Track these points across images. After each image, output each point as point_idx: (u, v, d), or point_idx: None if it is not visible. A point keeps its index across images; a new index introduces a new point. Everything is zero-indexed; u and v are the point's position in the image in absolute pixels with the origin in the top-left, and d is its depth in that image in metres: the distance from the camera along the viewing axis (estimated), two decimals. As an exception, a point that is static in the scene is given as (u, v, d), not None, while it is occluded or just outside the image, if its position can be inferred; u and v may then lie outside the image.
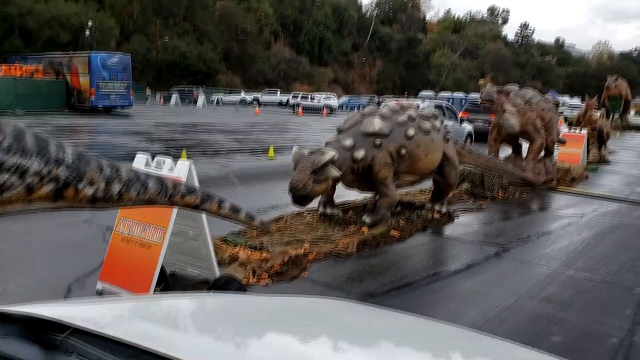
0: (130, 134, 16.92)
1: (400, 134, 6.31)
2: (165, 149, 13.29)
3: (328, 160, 5.53)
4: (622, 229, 7.21)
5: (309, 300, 2.18)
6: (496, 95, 9.62)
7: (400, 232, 6.23)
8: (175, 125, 21.43)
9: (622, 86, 31.91)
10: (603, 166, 14.29)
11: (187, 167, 4.06)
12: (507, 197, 9.06)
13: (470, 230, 6.81)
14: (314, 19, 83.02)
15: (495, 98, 9.58)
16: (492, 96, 9.57)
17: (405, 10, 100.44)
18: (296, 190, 5.50)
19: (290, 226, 6.27)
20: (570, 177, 11.42)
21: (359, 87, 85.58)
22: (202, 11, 72.16)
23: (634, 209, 8.72)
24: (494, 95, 9.60)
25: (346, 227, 6.24)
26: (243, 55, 72.85)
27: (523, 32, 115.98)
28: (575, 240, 6.47)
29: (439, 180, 7.11)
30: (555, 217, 7.90)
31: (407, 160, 6.39)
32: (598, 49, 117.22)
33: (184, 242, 4.39)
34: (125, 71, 28.00)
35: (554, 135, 11.02)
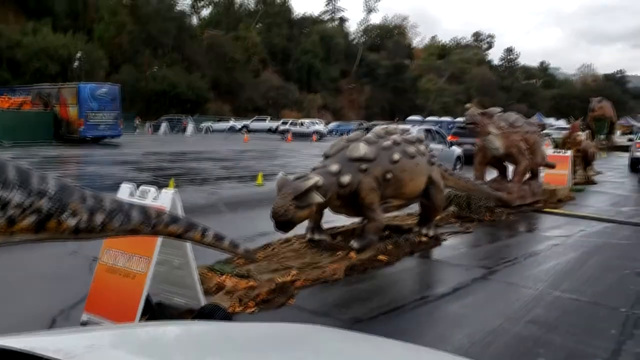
0: (118, 163, 16.90)
1: (386, 158, 6.38)
2: (153, 178, 13.28)
3: (311, 186, 5.57)
4: (607, 250, 7.27)
5: (289, 326, 2.20)
6: (480, 117, 9.76)
7: (388, 257, 6.24)
8: (163, 154, 21.45)
9: (607, 107, 32.40)
10: (589, 187, 14.42)
11: (171, 196, 4.09)
12: (494, 219, 9.12)
13: (458, 253, 6.83)
14: (302, 47, 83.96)
15: (478, 120, 9.73)
16: (476, 118, 9.72)
17: (391, 37, 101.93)
18: (278, 216, 5.52)
19: (278, 253, 6.27)
20: (556, 198, 11.51)
21: (349, 112, 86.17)
22: (190, 41, 72.84)
23: (619, 229, 8.79)
24: (478, 118, 9.75)
25: (334, 253, 6.25)
26: (232, 84, 73.36)
27: (508, 57, 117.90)
28: (561, 261, 6.51)
29: (425, 203, 7.16)
30: (541, 238, 7.95)
31: (393, 184, 6.44)
32: (582, 72, 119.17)
33: (170, 272, 4.38)
34: (114, 101, 28.07)
35: (539, 158, 11.13)
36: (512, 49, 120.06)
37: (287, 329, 1.98)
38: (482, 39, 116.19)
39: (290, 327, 2.11)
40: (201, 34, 77.83)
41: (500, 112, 10.56)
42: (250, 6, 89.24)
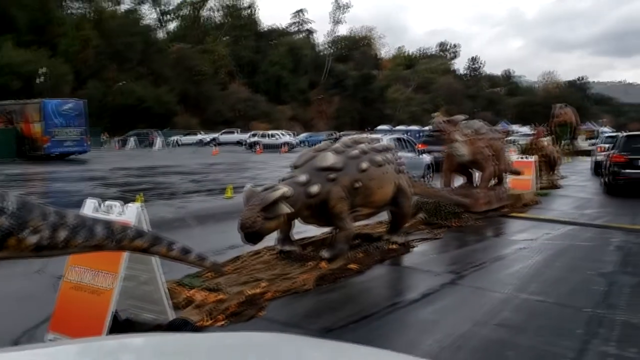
0: (85, 180, 16.63)
1: (354, 167, 6.42)
2: (121, 194, 13.09)
3: (278, 197, 5.56)
4: (572, 251, 7.43)
5: (258, 335, 2.19)
6: (445, 125, 9.95)
7: (358, 265, 6.27)
8: (131, 169, 21.18)
9: (569, 113, 33.25)
10: (554, 191, 14.73)
11: (136, 210, 4.05)
12: (462, 225, 9.24)
13: (427, 259, 6.91)
14: (270, 59, 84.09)
15: (444, 128, 9.92)
16: (442, 126, 9.92)
17: (359, 48, 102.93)
18: (245, 227, 5.50)
19: (248, 265, 6.24)
20: (522, 202, 11.73)
21: (318, 123, 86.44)
22: (157, 54, 72.31)
23: (583, 231, 9.01)
24: (444, 125, 9.95)
25: (305, 263, 6.24)
26: (200, 97, 72.97)
27: (473, 66, 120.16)
28: (527, 264, 6.63)
29: (394, 211, 7.22)
30: (508, 242, 8.10)
31: (361, 193, 6.49)
32: (545, 79, 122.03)
33: (137, 287, 4.33)
34: (80, 117, 27.68)
35: (504, 164, 11.36)
36: (477, 58, 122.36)
37: (256, 338, 1.95)
38: (447, 48, 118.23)
39: (259, 335, 2.11)
40: (168, 48, 77.31)
41: (465, 119, 10.75)
42: (217, 19, 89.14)
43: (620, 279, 6.09)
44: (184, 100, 70.55)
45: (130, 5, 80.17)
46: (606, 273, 6.29)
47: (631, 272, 6.40)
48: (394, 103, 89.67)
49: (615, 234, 8.76)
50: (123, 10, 77.20)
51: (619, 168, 13.73)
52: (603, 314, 4.88)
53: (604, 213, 11.05)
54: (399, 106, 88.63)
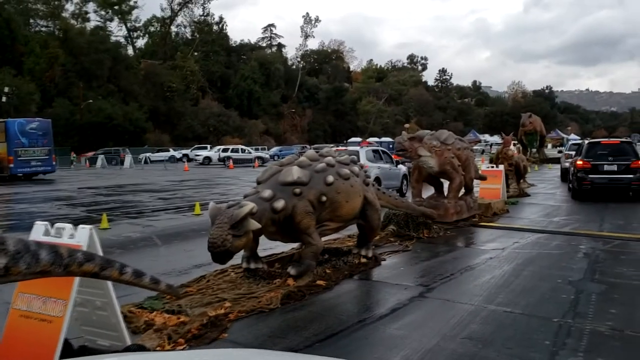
0: (50, 200, 16.19)
1: (320, 181, 6.33)
2: (86, 214, 12.78)
3: (247, 213, 5.43)
4: (541, 260, 7.43)
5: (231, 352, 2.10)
6: (408, 143, 9.96)
7: (326, 281, 6.15)
8: (99, 188, 20.74)
9: (537, 122, 33.79)
10: (523, 199, 14.86)
11: (88, 232, 3.87)
12: (432, 236, 9.20)
13: (396, 272, 6.82)
14: (241, 74, 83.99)
15: (407, 146, 9.94)
16: (405, 144, 9.93)
17: (329, 62, 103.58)
18: (215, 247, 5.34)
19: (213, 285, 6.07)
20: (491, 212, 11.78)
21: (291, 137, 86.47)
22: (126, 72, 71.57)
23: (551, 238, 9.04)
24: (406, 144, 9.96)
25: (271, 281, 6.10)
26: (170, 113, 72.34)
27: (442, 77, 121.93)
28: (496, 274, 6.60)
29: (362, 224, 7.13)
30: (477, 252, 8.07)
31: (328, 207, 6.39)
32: (513, 89, 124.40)
33: (92, 313, 4.14)
34: (45, 136, 27.09)
35: (472, 173, 11.41)
36: (446, 70, 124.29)
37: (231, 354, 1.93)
38: (416, 61, 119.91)
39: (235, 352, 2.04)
40: (137, 65, 76.62)
41: (431, 133, 10.78)
42: (186, 35, 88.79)
43: (588, 286, 6.09)
44: (154, 117, 69.84)
45: (99, 22, 79.52)
46: (574, 281, 6.29)
47: (598, 279, 6.40)
48: (366, 115, 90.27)
49: (583, 241, 8.82)
50: (91, 27, 76.47)
51: (584, 174, 14.15)
52: (571, 323, 4.85)
53: (572, 220, 11.15)
54: (371, 118, 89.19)
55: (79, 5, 78.01)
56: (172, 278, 6.57)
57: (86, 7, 78.78)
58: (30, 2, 73.11)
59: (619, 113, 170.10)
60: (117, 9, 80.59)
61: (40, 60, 61.47)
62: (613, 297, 5.67)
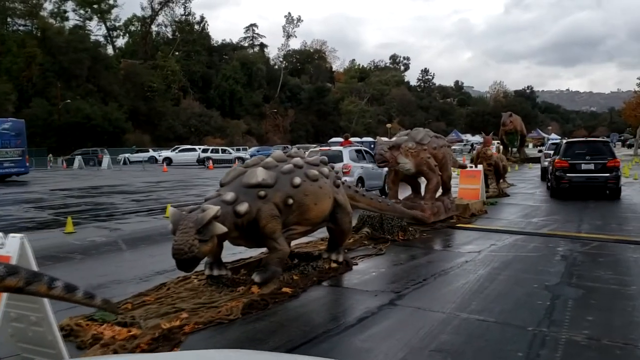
0: (19, 202, 15.68)
1: (286, 183, 6.03)
2: (53, 217, 12.33)
3: (212, 216, 5.11)
4: (517, 263, 7.21)
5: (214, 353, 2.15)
6: (389, 154, 9.73)
7: (292, 288, 5.85)
8: (73, 189, 20.22)
9: (517, 121, 33.77)
10: (502, 199, 14.70)
11: (19, 242, 3.52)
12: (407, 238, 8.95)
13: (368, 277, 6.54)
14: (223, 74, 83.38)
15: (387, 157, 9.70)
16: (386, 156, 9.69)
17: (312, 62, 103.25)
18: (182, 254, 5.01)
19: (173, 294, 5.74)
20: (469, 212, 11.58)
21: (273, 137, 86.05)
22: (106, 71, 70.58)
23: (529, 240, 8.84)
24: (387, 155, 9.72)
25: (235, 289, 5.79)
26: (151, 113, 71.52)
27: (424, 77, 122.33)
28: (470, 279, 6.35)
29: (332, 228, 6.84)
30: (453, 255, 7.82)
31: (295, 210, 6.09)
32: (494, 89, 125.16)
33: (27, 329, 3.79)
34: (19, 137, 26.40)
35: (450, 171, 11.20)
36: (428, 70, 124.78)
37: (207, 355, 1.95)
38: (399, 61, 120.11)
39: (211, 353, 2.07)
40: (117, 64, 75.66)
41: (406, 133, 10.54)
42: (167, 34, 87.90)
43: (564, 291, 5.86)
44: (134, 117, 68.98)
45: (78, 21, 78.41)
46: (551, 286, 6.06)
47: (575, 283, 6.18)
48: (349, 115, 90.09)
49: (560, 242, 8.63)
50: (70, 27, 75.34)
51: (562, 172, 14.31)
52: (546, 332, 4.61)
53: (550, 221, 10.98)
54: (353, 118, 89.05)
55: (57, 4, 76.91)
56: (132, 286, 6.25)
57: (65, 6, 77.66)
58: (8, 1, 71.87)
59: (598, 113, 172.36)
60: (96, 7, 79.52)
61: (17, 59, 60.39)
62: (590, 303, 5.45)
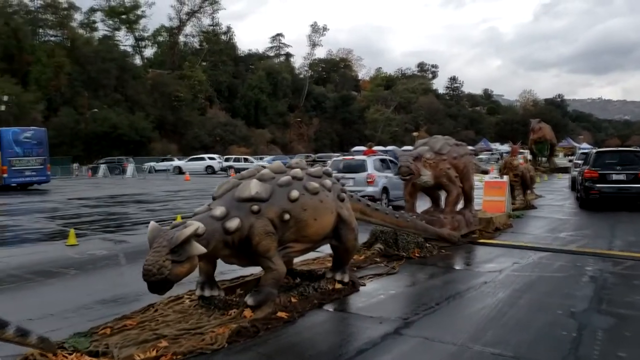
0: (32, 212, 15.53)
1: (283, 196, 5.52)
2: (61, 228, 12.06)
3: (189, 236, 4.62)
4: (541, 285, 6.57)
5: None
6: (414, 166, 9.17)
7: (289, 313, 5.33)
8: (90, 199, 20.08)
9: (546, 130, 32.76)
10: (529, 212, 13.95)
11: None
12: (423, 255, 8.36)
13: (375, 301, 5.98)
14: (249, 83, 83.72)
15: (413, 169, 9.15)
16: (410, 168, 9.14)
17: (337, 71, 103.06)
18: (150, 275, 4.53)
19: (159, 316, 5.29)
20: (493, 227, 10.90)
21: (298, 146, 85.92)
22: (133, 81, 71.45)
23: (555, 258, 8.16)
24: (413, 167, 9.17)
25: (227, 312, 5.30)
26: (178, 122, 72.07)
27: (452, 85, 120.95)
28: (488, 303, 5.75)
29: (336, 245, 6.30)
30: (471, 275, 7.20)
31: (293, 226, 5.58)
32: (524, 97, 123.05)
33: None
34: (40, 146, 26.56)
35: (472, 181, 10.55)
36: (456, 78, 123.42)
37: None
38: (426, 69, 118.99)
39: None
40: (145, 74, 76.53)
41: (424, 141, 9.96)
42: (194, 45, 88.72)
43: (593, 320, 5.22)
44: (161, 126, 69.60)
45: (107, 31, 79.65)
46: (577, 312, 5.42)
47: (606, 310, 5.52)
48: (374, 124, 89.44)
49: (589, 261, 7.94)
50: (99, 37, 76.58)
51: (592, 183, 13.89)
52: (570, 371, 4.00)
53: (579, 236, 10.25)
54: (379, 126, 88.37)
55: (87, 14, 78.35)
56: (118, 307, 5.82)
57: (94, 17, 79.10)
58: (40, 12, 73.44)
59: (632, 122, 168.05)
60: (125, 18, 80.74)
61: (46, 69, 61.45)
62: (623, 335, 4.80)
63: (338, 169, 15.83)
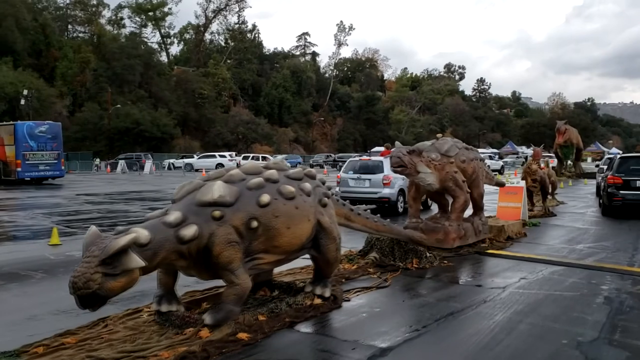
0: (33, 208, 15.22)
1: (251, 201, 4.91)
2: (55, 225, 11.65)
3: (123, 246, 4.01)
4: (547, 306, 5.82)
5: None
6: (407, 158, 8.39)
7: (252, 334, 4.71)
8: (99, 195, 19.79)
9: (573, 134, 31.53)
10: (547, 219, 13.10)
11: None
12: (422, 266, 7.66)
13: (354, 320, 5.32)
14: (273, 82, 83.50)
15: (406, 162, 8.36)
16: (403, 160, 8.35)
17: (363, 70, 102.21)
18: (77, 289, 3.93)
19: (106, 333, 4.72)
20: (505, 236, 10.12)
21: (321, 145, 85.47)
22: (158, 78, 71.79)
23: (568, 273, 7.39)
24: (406, 159, 8.38)
25: (182, 331, 4.71)
26: (201, 120, 72.22)
27: (480, 87, 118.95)
28: (482, 328, 5.04)
29: (315, 256, 5.67)
30: (470, 291, 6.47)
31: (262, 235, 4.96)
32: (553, 100, 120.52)
33: None
34: (55, 140, 26.52)
35: (482, 188, 9.79)
36: (484, 80, 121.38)
37: None
38: (453, 70, 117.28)
39: None
40: (169, 71, 76.87)
41: (431, 143, 9.22)
42: (220, 42, 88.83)
43: (602, 353, 4.48)
44: (184, 123, 69.79)
45: (134, 28, 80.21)
46: (585, 343, 4.69)
47: (618, 341, 4.77)
48: (398, 124, 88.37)
49: (607, 278, 7.15)
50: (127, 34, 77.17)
51: (615, 189, 13.41)
52: None
53: (599, 248, 9.42)
54: (403, 127, 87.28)
55: (115, 11, 79.04)
56: (70, 319, 5.29)
57: (121, 13, 79.75)
58: (69, 9, 74.38)
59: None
60: (151, 15, 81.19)
61: (72, 65, 62.12)
62: (636, 375, 4.07)
63: (354, 170, 15.26)
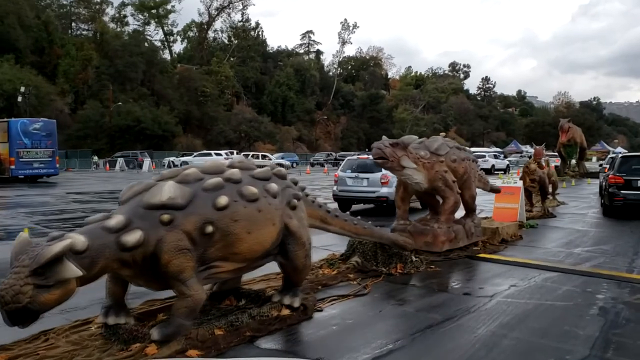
0: (18, 207, 14.84)
1: (206, 203, 4.46)
2: (32, 224, 11.26)
3: (56, 254, 3.59)
4: (535, 318, 5.35)
5: None
6: (390, 150, 7.84)
7: (204, 350, 4.27)
8: (88, 194, 19.41)
9: (577, 133, 30.94)
10: (546, 221, 12.60)
11: None
12: (407, 272, 7.20)
13: (323, 334, 4.87)
14: (276, 80, 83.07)
15: (388, 154, 7.81)
16: (384, 152, 7.80)
17: (367, 69, 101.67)
18: (4, 303, 3.51)
19: (44, 349, 4.29)
20: (499, 238, 9.64)
21: (324, 144, 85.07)
22: (160, 75, 71.50)
23: (563, 280, 6.91)
24: (387, 151, 7.81)
25: (128, 347, 4.27)
26: (203, 118, 71.85)
27: (485, 86, 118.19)
28: (462, 343, 4.59)
29: (283, 263, 5.23)
30: (455, 300, 6.00)
31: (219, 241, 4.51)
32: (559, 99, 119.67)
33: None
34: (49, 137, 26.18)
35: (473, 190, 9.30)
36: (489, 78, 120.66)
37: None
38: (458, 68, 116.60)
39: None
40: (172, 69, 76.57)
41: (420, 140, 8.73)
42: (223, 40, 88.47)
43: (591, 375, 4.02)
44: (187, 121, 69.47)
45: (137, 25, 79.94)
46: (573, 362, 4.23)
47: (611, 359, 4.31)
48: (402, 123, 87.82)
49: (603, 286, 6.66)
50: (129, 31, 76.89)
51: (616, 189, 13.12)
52: None
53: (597, 252, 8.92)
54: (407, 126, 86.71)
55: (118, 9, 78.80)
56: (12, 331, 4.80)
57: (125, 11, 79.50)
58: (73, 6, 74.17)
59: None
60: (154, 12, 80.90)
61: (75, 62, 61.91)
62: (628, 402, 3.61)
63: (352, 169, 14.85)
